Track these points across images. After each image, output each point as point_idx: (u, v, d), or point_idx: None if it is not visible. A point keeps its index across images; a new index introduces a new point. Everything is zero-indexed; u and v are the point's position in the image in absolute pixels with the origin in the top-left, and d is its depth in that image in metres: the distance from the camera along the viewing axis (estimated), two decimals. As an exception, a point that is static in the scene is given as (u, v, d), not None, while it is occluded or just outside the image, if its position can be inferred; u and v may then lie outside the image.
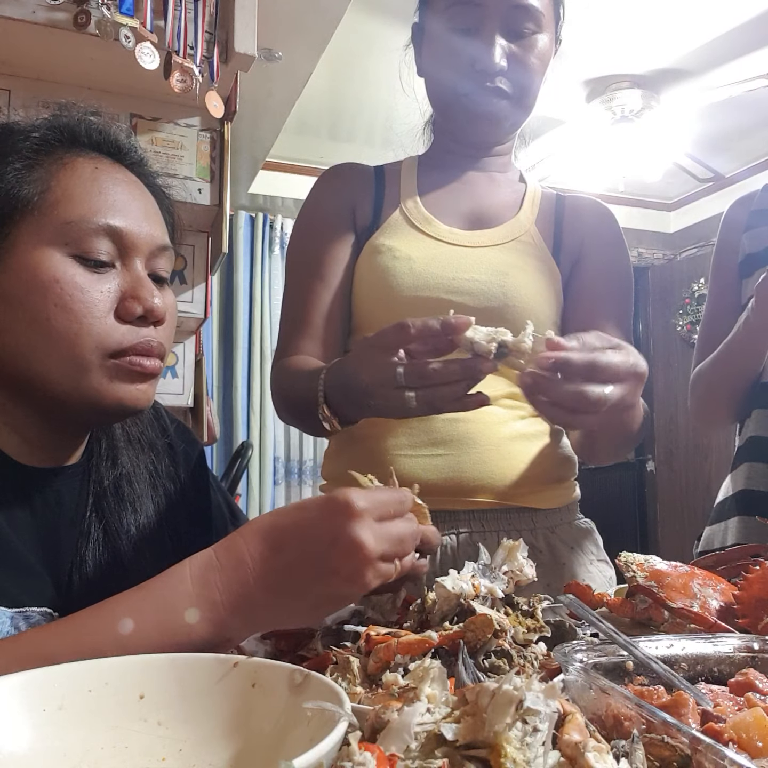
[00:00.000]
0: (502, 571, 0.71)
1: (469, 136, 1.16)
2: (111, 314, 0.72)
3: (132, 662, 0.51)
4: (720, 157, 4.27)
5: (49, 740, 0.46)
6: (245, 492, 3.97)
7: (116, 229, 0.73)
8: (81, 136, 0.77)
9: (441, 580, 0.66)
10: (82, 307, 0.70)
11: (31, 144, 0.74)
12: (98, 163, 0.76)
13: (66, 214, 0.71)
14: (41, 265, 0.70)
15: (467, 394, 0.79)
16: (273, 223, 4.28)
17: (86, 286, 0.71)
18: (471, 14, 1.06)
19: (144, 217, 0.76)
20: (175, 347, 2.24)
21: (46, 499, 0.77)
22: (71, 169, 0.74)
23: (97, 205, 0.73)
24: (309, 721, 0.44)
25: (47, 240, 0.71)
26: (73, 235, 0.71)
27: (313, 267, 1.14)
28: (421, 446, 1.06)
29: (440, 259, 1.10)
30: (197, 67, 1.73)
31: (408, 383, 0.78)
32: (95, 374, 0.71)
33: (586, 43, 3.16)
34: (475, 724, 0.37)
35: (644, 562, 0.74)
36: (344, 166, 1.23)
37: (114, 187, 0.75)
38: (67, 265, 0.71)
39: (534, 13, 1.07)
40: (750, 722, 0.42)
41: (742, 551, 0.85)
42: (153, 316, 0.74)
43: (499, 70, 1.06)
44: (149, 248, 0.76)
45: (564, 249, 1.15)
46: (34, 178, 0.72)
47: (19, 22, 1.61)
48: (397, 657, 0.54)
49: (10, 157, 0.73)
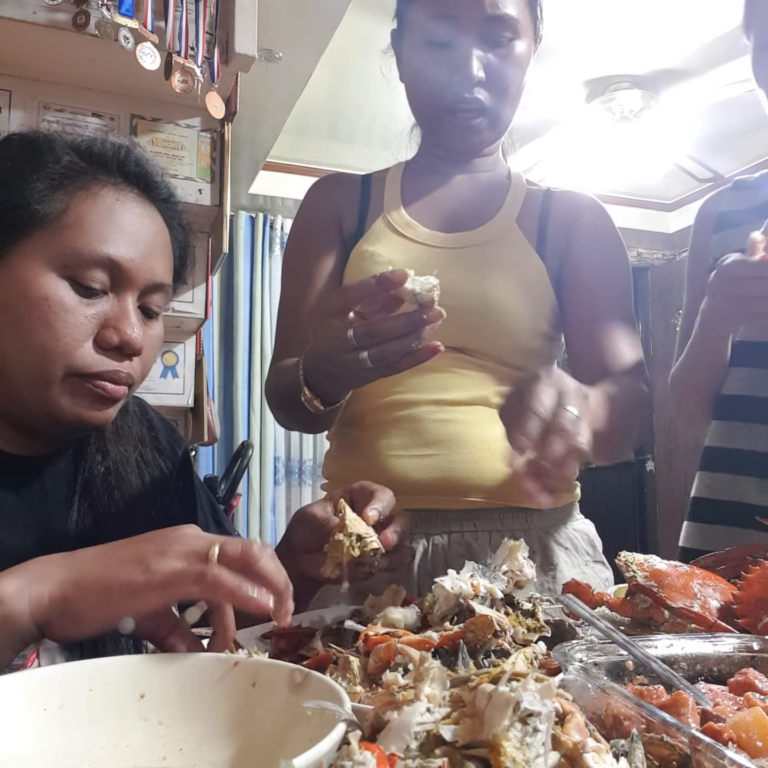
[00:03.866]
0: (502, 571, 0.71)
1: (451, 145, 1.17)
2: (90, 340, 0.75)
3: (133, 661, 0.51)
4: (720, 158, 4.27)
5: (50, 739, 0.46)
6: (245, 492, 3.97)
7: (115, 262, 0.75)
8: (112, 166, 0.79)
9: (440, 580, 0.66)
10: (64, 327, 0.73)
11: (60, 168, 0.76)
12: (121, 194, 0.78)
13: (73, 239, 0.74)
14: (36, 281, 0.73)
15: (419, 346, 0.79)
16: (273, 223, 4.28)
17: (72, 308, 0.74)
18: (448, 27, 1.06)
19: (149, 253, 0.79)
20: (176, 347, 2.24)
21: (33, 487, 0.80)
22: (92, 198, 0.76)
23: (104, 235, 0.75)
24: (309, 721, 0.44)
25: (49, 259, 0.73)
26: (73, 260, 0.74)
27: (304, 277, 1.17)
28: (413, 446, 1.07)
29: (420, 261, 1.11)
30: (199, 67, 1.73)
31: (360, 344, 0.79)
32: (57, 388, 0.74)
33: (586, 43, 3.16)
34: (473, 725, 0.37)
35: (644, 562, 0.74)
36: (330, 178, 1.26)
37: (128, 221, 0.78)
38: (59, 286, 0.74)
39: (510, 21, 1.07)
40: (749, 722, 0.42)
41: (741, 551, 0.84)
42: (129, 348, 0.76)
43: (477, 82, 1.07)
44: (145, 284, 0.79)
45: (549, 243, 1.15)
46: (56, 198, 0.75)
47: (19, 22, 1.61)
48: (397, 657, 0.54)
49: (37, 174, 0.75)
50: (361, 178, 1.25)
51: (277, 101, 3.01)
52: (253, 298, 4.18)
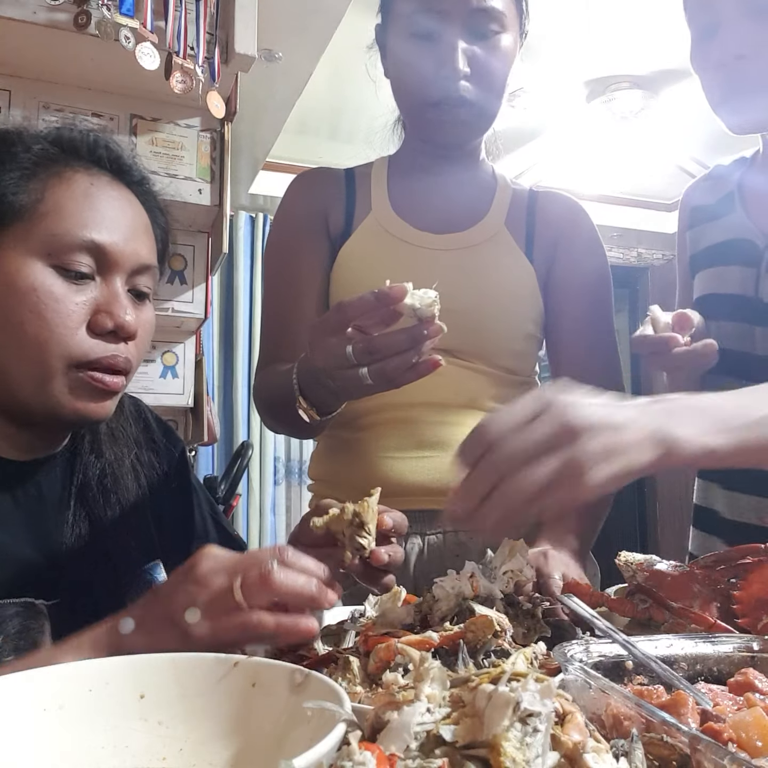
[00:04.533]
0: (502, 571, 0.71)
1: (436, 140, 1.16)
2: (83, 326, 0.74)
3: (132, 662, 0.51)
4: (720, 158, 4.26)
5: (50, 740, 0.46)
6: (245, 492, 3.96)
7: (99, 246, 0.75)
8: (83, 151, 0.79)
9: (440, 580, 0.66)
10: (55, 317, 0.72)
11: (31, 156, 0.76)
12: (95, 179, 0.78)
13: (53, 226, 0.73)
14: (21, 272, 0.72)
15: (420, 360, 0.79)
16: (273, 223, 4.28)
17: (62, 296, 0.73)
18: (433, 20, 1.05)
19: (132, 236, 0.78)
20: (176, 347, 2.24)
21: (28, 490, 0.79)
22: (66, 183, 0.76)
23: (84, 220, 0.75)
24: (309, 721, 0.44)
25: (31, 249, 0.73)
26: (56, 246, 0.73)
27: (289, 279, 1.15)
28: (408, 449, 1.07)
29: (411, 264, 1.11)
30: (199, 67, 1.73)
31: (359, 361, 0.79)
32: (57, 382, 0.73)
33: (586, 43, 3.16)
34: (473, 725, 0.37)
35: (644, 562, 0.74)
36: (314, 172, 1.23)
37: (106, 204, 0.77)
38: (46, 275, 0.73)
39: (496, 14, 1.06)
40: (749, 722, 0.42)
41: (741, 551, 0.84)
42: (123, 332, 0.76)
43: (462, 76, 1.06)
44: (132, 266, 0.78)
45: (537, 246, 1.16)
46: (30, 188, 0.74)
47: (19, 22, 1.61)
48: (398, 657, 0.54)
49: (9, 165, 0.74)
50: (344, 173, 1.22)
51: (277, 101, 3.01)
52: (253, 298, 4.18)
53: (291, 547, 0.60)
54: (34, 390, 0.74)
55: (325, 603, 0.58)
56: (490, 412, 1.08)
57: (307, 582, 0.57)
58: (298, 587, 0.57)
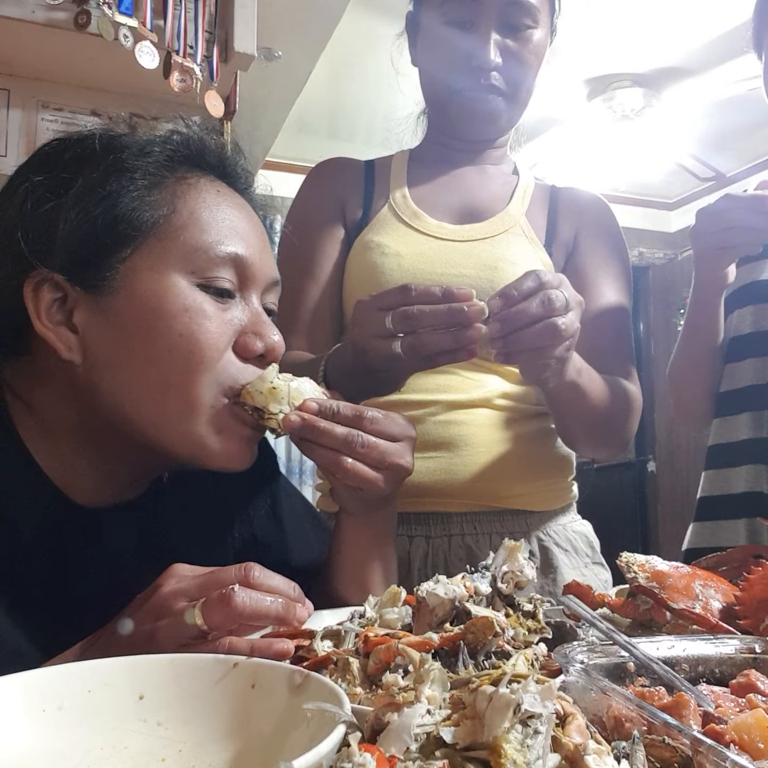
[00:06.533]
0: (503, 571, 0.71)
1: (464, 134, 1.16)
2: (229, 348, 0.67)
3: (132, 663, 0.51)
4: (721, 156, 4.27)
5: (49, 741, 0.46)
6: (246, 492, 3.96)
7: (241, 259, 0.68)
8: (206, 155, 0.72)
9: (431, 588, 0.65)
10: (209, 338, 0.65)
11: (156, 159, 0.68)
12: (217, 185, 0.71)
13: (193, 240, 0.66)
14: (169, 292, 0.65)
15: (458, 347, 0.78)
16: (273, 223, 4.27)
17: (213, 316, 0.66)
18: (467, 9, 1.06)
19: (263, 247, 0.72)
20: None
21: (107, 537, 0.71)
22: (196, 191, 0.69)
23: (223, 231, 0.68)
24: (309, 722, 0.44)
25: (172, 266, 0.66)
26: (200, 262, 0.66)
27: (304, 265, 1.14)
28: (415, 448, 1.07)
29: (429, 254, 1.10)
30: (198, 66, 1.73)
31: (396, 328, 0.78)
32: (204, 418, 0.66)
33: (587, 43, 3.16)
34: (474, 727, 0.37)
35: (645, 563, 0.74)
36: (333, 161, 1.23)
37: (237, 214, 0.71)
38: (195, 294, 0.66)
39: (530, 8, 1.06)
40: (751, 723, 0.41)
41: (743, 552, 0.84)
42: (272, 355, 0.69)
43: (494, 67, 1.06)
44: (266, 281, 0.72)
45: (557, 240, 1.15)
46: (158, 198, 0.67)
47: (18, 21, 1.61)
48: (398, 658, 0.53)
49: (132, 174, 0.67)
50: (364, 164, 1.22)
51: (276, 100, 3.01)
52: (254, 298, 4.18)
53: (258, 565, 0.57)
54: (180, 430, 0.66)
55: (293, 621, 0.56)
56: (502, 410, 1.08)
57: (273, 603, 0.55)
58: (262, 609, 0.54)
